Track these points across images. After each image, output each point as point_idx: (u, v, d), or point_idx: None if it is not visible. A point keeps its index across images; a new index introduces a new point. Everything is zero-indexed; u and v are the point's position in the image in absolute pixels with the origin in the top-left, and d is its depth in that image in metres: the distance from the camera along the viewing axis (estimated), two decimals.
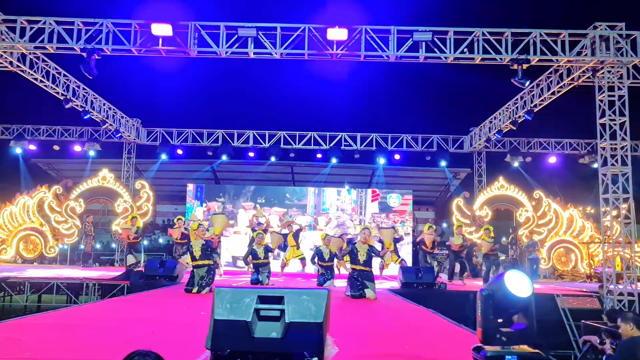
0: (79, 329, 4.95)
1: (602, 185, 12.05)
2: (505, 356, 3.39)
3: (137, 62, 16.18)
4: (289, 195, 20.13)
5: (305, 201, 20.07)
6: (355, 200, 19.96)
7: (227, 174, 22.43)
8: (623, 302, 11.18)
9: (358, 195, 20.00)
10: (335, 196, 20.10)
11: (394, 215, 19.68)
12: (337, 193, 20.12)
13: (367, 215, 19.78)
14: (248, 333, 3.10)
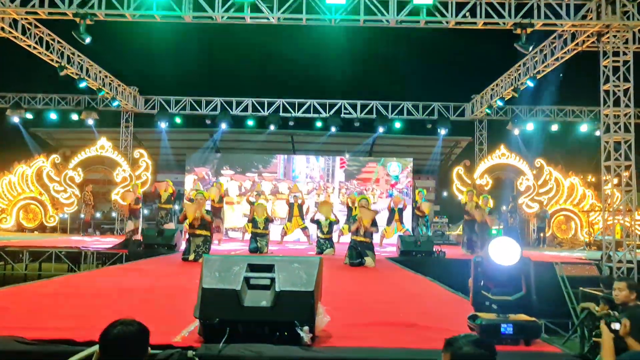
0: (70, 297, 4.91)
1: (604, 153, 11.90)
2: (500, 324, 3.33)
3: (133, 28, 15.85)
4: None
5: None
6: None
7: (227, 143, 22.23)
8: (622, 269, 11.17)
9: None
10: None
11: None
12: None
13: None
14: (237, 302, 3.04)
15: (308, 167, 20.53)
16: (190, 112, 19.88)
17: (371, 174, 20.29)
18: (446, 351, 2.26)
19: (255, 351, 2.96)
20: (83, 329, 3.20)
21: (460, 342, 2.25)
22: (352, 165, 20.46)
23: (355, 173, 20.36)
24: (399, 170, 20.34)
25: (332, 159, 20.46)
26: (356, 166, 20.50)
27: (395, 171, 20.30)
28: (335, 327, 3.49)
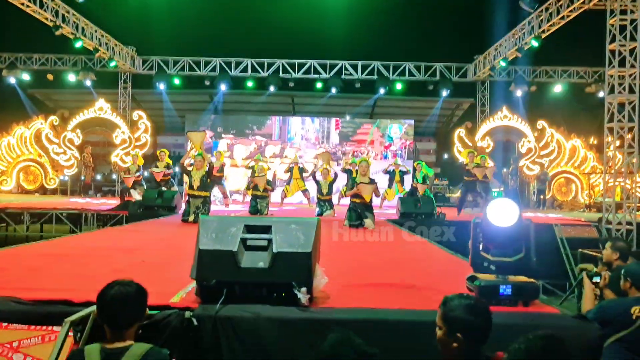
0: (69, 258, 4.91)
1: (607, 114, 11.77)
2: (499, 286, 3.32)
3: None
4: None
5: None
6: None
7: (226, 104, 22.00)
8: (621, 231, 11.20)
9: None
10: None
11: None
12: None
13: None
14: (234, 263, 3.01)
15: (303, 129, 20.45)
16: (188, 73, 19.62)
17: (366, 135, 20.23)
18: (440, 309, 2.27)
19: (253, 312, 2.95)
20: (81, 290, 3.19)
21: (453, 304, 2.24)
22: (347, 127, 20.36)
23: (350, 135, 20.30)
24: (399, 132, 20.19)
25: (327, 121, 20.37)
26: (351, 128, 20.42)
27: (396, 133, 20.16)
28: (334, 288, 3.48)
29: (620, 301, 3.80)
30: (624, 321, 3.55)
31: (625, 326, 3.53)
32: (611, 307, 3.73)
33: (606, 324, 3.56)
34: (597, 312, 3.68)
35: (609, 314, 3.63)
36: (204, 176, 9.47)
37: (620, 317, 3.59)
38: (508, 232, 3.39)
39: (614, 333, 3.58)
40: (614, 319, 3.60)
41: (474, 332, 2.20)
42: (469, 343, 2.19)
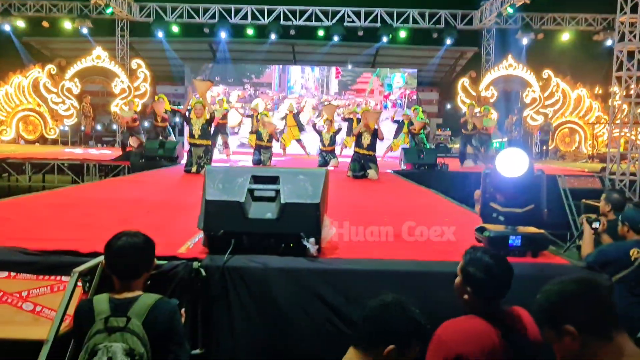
0: (74, 209, 4.89)
1: (616, 63, 11.52)
2: (509, 236, 3.29)
3: None
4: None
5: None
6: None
7: (226, 53, 21.58)
8: (624, 182, 11.18)
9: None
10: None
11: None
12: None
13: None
14: (242, 214, 2.97)
15: (303, 78, 20.18)
16: (187, 21, 19.16)
17: (366, 84, 20.01)
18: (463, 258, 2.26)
19: (261, 262, 2.94)
20: (87, 241, 3.17)
21: (474, 257, 2.22)
22: (346, 76, 20.08)
23: (350, 84, 20.06)
24: (402, 82, 19.90)
25: (327, 69, 20.09)
26: (351, 77, 20.14)
27: (398, 82, 19.87)
28: (341, 239, 3.46)
29: (620, 244, 4.02)
30: (623, 263, 3.78)
31: (624, 267, 3.76)
32: (610, 249, 3.97)
33: (605, 265, 3.75)
34: (597, 255, 3.92)
35: (609, 257, 3.86)
36: (204, 124, 9.28)
37: (620, 259, 3.81)
38: (518, 183, 3.34)
39: (613, 274, 3.78)
40: (614, 261, 3.83)
41: (486, 290, 2.18)
42: (478, 299, 2.18)
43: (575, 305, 1.61)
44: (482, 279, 2.16)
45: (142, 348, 2.28)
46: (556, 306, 1.64)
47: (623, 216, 4.21)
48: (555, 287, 1.67)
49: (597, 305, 1.60)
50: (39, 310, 2.60)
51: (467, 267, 2.21)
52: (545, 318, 1.68)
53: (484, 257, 2.21)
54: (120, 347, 2.26)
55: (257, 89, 20.11)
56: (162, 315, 2.35)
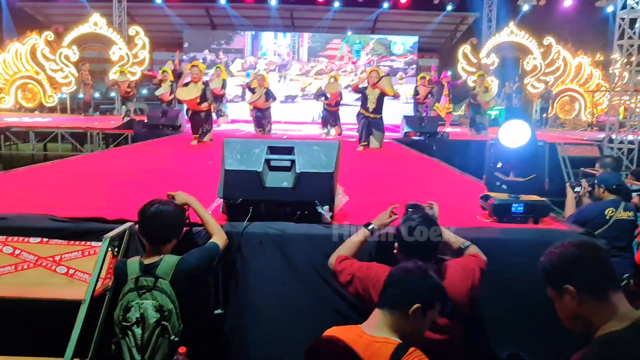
0: (91, 177, 5.02)
1: (618, 31, 11.52)
2: (511, 204, 3.45)
3: None
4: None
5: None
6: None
7: (223, 19, 21.37)
8: (622, 150, 11.33)
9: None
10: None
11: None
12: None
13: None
14: (259, 182, 3.11)
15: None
16: None
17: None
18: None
19: (279, 228, 3.09)
20: (111, 208, 3.32)
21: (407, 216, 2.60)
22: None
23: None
24: (403, 49, 19.81)
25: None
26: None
27: (399, 49, 19.79)
28: (353, 207, 3.62)
29: (597, 204, 4.57)
30: (599, 221, 4.38)
31: (600, 225, 4.36)
32: (588, 209, 4.55)
33: (584, 224, 4.22)
34: (576, 215, 4.52)
35: (587, 216, 4.45)
36: (203, 89, 9.11)
37: (596, 218, 4.41)
38: (521, 153, 3.47)
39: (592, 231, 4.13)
40: (592, 220, 4.40)
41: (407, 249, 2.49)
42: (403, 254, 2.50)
43: (574, 267, 1.77)
44: (406, 236, 2.48)
45: (171, 304, 2.48)
46: (557, 268, 1.80)
47: (599, 179, 4.68)
48: (557, 251, 1.84)
49: (595, 267, 1.77)
50: (72, 273, 2.76)
51: (399, 226, 2.54)
52: (547, 279, 1.85)
53: (413, 217, 2.55)
54: (150, 304, 2.47)
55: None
56: (186, 271, 2.54)
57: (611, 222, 4.40)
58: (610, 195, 4.56)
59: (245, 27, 20.89)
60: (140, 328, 2.44)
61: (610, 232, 4.37)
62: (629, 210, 4.57)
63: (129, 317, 2.46)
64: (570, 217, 4.61)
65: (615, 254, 4.48)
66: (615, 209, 4.48)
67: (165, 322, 2.45)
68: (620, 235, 4.49)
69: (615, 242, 4.41)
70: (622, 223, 4.48)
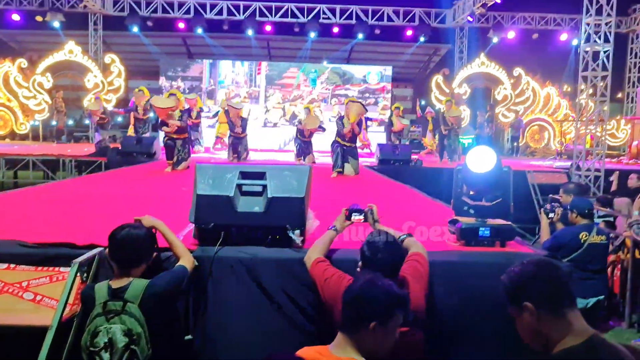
0: (63, 203, 4.98)
1: (582, 63, 11.97)
2: (479, 228, 3.54)
3: None
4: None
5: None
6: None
7: (200, 48, 21.54)
8: (589, 177, 11.65)
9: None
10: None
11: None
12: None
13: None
14: (231, 207, 3.15)
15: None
16: (162, 15, 19.05)
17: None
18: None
19: (250, 253, 3.12)
20: (82, 233, 3.30)
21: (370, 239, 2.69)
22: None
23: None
24: (378, 79, 20.19)
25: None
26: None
27: (374, 79, 20.17)
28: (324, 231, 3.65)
29: (570, 229, 4.73)
30: (574, 245, 4.56)
31: (575, 249, 4.54)
32: (563, 234, 4.72)
33: (560, 248, 4.52)
34: (552, 240, 4.69)
35: (562, 241, 4.64)
36: (180, 118, 9.21)
37: (571, 242, 4.58)
38: (487, 178, 3.58)
39: (567, 255, 4.51)
40: (567, 244, 4.58)
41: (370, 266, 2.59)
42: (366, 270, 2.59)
43: (533, 285, 1.84)
44: (368, 256, 2.60)
45: (140, 328, 2.47)
46: (517, 285, 1.87)
47: (571, 205, 4.85)
48: (517, 269, 1.91)
49: (552, 284, 1.83)
50: (39, 299, 2.73)
51: (363, 245, 2.67)
52: (508, 296, 1.91)
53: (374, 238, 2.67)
54: (119, 328, 2.46)
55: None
56: (155, 294, 2.55)
57: (585, 245, 4.55)
58: (583, 219, 4.72)
59: (222, 56, 21.06)
60: (108, 353, 2.42)
61: (585, 255, 4.54)
62: (602, 234, 4.75)
63: (96, 342, 2.44)
64: (546, 242, 4.77)
65: (590, 277, 4.64)
66: (589, 233, 4.64)
67: (134, 346, 2.44)
68: (594, 259, 4.66)
69: (589, 265, 4.63)
70: (595, 247, 4.64)
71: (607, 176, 11.56)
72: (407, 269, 2.75)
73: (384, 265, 2.54)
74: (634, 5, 19.22)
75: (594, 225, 4.73)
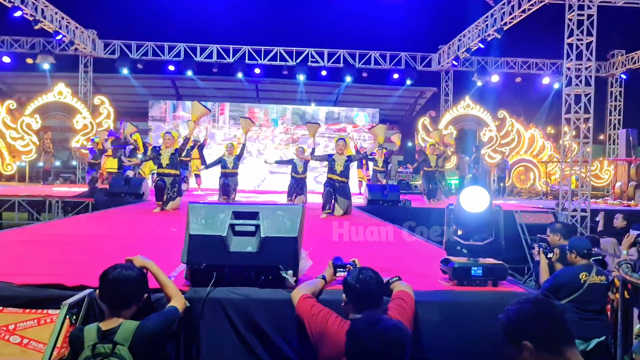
0: (51, 245, 4.90)
1: (564, 106, 12.28)
2: (471, 267, 3.54)
3: None
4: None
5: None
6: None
7: (189, 90, 21.79)
8: (576, 217, 11.76)
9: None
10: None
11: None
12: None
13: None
14: (224, 247, 3.12)
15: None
16: (152, 58, 19.32)
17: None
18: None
19: (242, 294, 3.08)
20: (71, 275, 3.25)
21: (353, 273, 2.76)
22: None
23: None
24: (365, 121, 20.46)
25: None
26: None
27: (361, 121, 20.43)
28: (317, 271, 3.63)
29: (570, 269, 4.71)
30: (575, 285, 4.54)
31: (576, 289, 4.52)
32: (563, 274, 4.70)
33: (560, 288, 4.54)
34: (552, 281, 4.68)
35: (562, 281, 4.62)
36: (173, 154, 9.27)
37: (571, 283, 4.56)
38: (479, 218, 3.61)
39: (567, 296, 4.51)
40: (567, 285, 4.57)
41: (354, 297, 2.67)
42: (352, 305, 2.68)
43: (531, 323, 1.84)
44: (352, 284, 2.67)
45: None
46: (515, 324, 1.87)
47: (569, 245, 4.84)
48: (514, 307, 1.91)
49: (551, 323, 1.84)
50: (27, 342, 2.66)
51: (347, 278, 2.74)
52: (505, 335, 1.90)
53: (357, 272, 2.73)
54: None
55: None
56: (145, 336, 2.49)
57: (585, 286, 4.52)
58: (582, 260, 4.70)
59: (210, 98, 21.28)
60: None
61: (585, 296, 4.51)
62: (601, 274, 4.72)
63: None
64: (545, 283, 4.73)
65: (591, 318, 4.59)
66: (589, 273, 4.61)
67: None
68: (595, 299, 4.61)
69: (589, 305, 4.57)
70: (596, 287, 4.61)
71: (593, 216, 11.69)
72: (392, 307, 2.81)
73: (367, 295, 2.63)
74: (612, 51, 19.91)
75: (594, 266, 4.68)
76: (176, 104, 20.65)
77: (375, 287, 2.71)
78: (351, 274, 2.76)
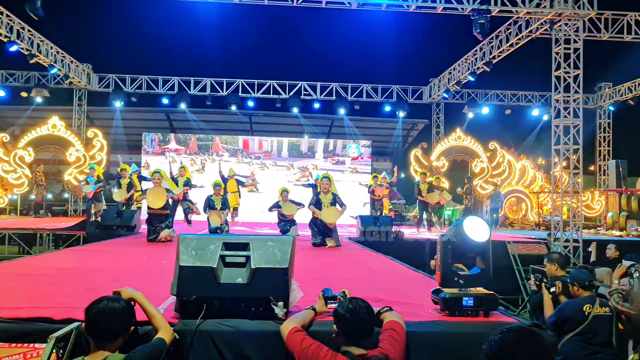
0: (39, 278, 4.85)
1: (554, 137, 12.43)
2: (462, 297, 3.53)
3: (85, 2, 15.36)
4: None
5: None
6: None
7: (183, 122, 21.92)
8: (568, 248, 11.78)
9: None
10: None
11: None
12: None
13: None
14: (214, 279, 3.12)
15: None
16: (146, 91, 19.48)
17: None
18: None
19: (232, 326, 3.06)
20: (58, 308, 3.21)
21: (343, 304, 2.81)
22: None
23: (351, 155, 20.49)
24: (357, 152, 20.60)
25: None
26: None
27: (353, 152, 20.57)
28: (308, 303, 3.61)
29: (574, 302, 4.67)
30: (579, 318, 4.48)
31: (580, 322, 4.46)
32: (567, 307, 4.64)
33: (565, 322, 4.49)
34: (556, 314, 4.62)
35: (566, 314, 4.55)
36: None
37: (576, 315, 4.51)
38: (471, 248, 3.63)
39: (572, 329, 4.46)
40: (571, 317, 4.52)
41: (344, 327, 2.70)
42: (342, 335, 2.72)
43: (512, 352, 1.84)
44: (343, 315, 2.70)
45: None
46: (497, 353, 1.86)
47: (571, 278, 4.81)
48: (497, 337, 1.91)
49: (533, 352, 1.83)
50: None
51: (337, 309, 2.78)
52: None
53: (347, 303, 2.77)
54: None
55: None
56: None
57: (590, 318, 4.47)
58: (585, 292, 4.67)
59: (204, 130, 21.40)
60: None
61: (591, 328, 4.45)
62: (605, 306, 4.64)
63: None
64: (550, 317, 4.66)
65: (598, 351, 4.47)
66: (592, 305, 4.56)
67: None
68: (600, 331, 4.52)
69: (595, 338, 4.48)
70: (600, 319, 4.54)
71: (585, 247, 11.71)
72: (383, 337, 2.82)
73: (358, 326, 2.68)
74: (599, 83, 20.30)
75: (597, 298, 4.62)
76: (163, 137, 20.70)
77: (366, 317, 2.74)
78: (341, 305, 2.79)
